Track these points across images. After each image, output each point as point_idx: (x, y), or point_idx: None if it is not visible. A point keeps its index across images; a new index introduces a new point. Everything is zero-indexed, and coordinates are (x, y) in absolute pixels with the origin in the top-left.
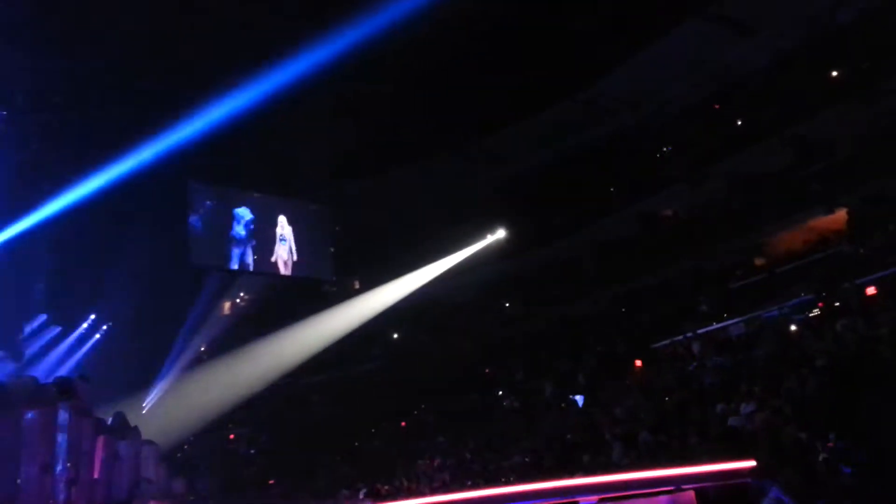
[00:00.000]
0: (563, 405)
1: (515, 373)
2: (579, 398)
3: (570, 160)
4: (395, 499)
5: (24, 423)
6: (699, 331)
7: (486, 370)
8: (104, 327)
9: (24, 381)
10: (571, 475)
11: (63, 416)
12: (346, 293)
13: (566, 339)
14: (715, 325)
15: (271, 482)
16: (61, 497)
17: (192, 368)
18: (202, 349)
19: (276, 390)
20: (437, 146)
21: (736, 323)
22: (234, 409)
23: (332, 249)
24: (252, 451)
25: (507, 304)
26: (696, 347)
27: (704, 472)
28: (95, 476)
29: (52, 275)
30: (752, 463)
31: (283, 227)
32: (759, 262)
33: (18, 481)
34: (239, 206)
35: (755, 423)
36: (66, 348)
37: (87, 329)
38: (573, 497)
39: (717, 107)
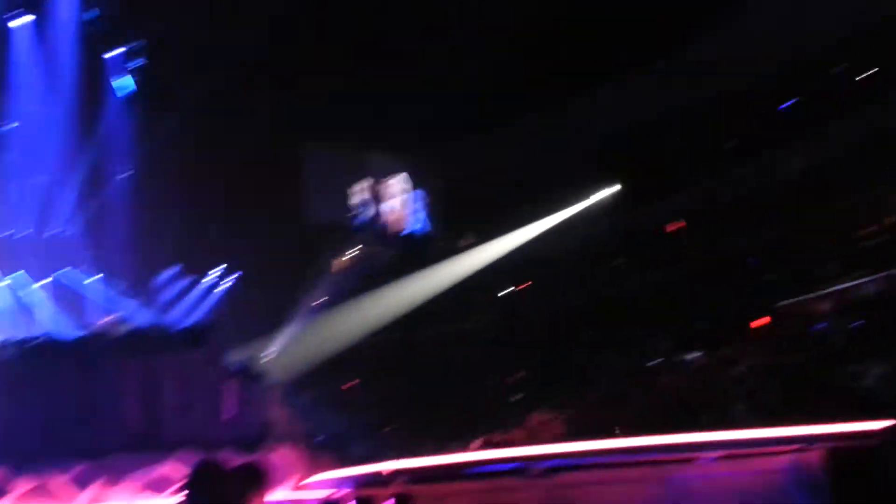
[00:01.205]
0: (679, 363)
1: (630, 330)
2: (696, 355)
3: (686, 115)
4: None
5: (162, 366)
6: (829, 289)
7: (598, 327)
8: (232, 277)
9: (162, 327)
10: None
11: (197, 359)
12: (454, 249)
13: (684, 297)
14: (845, 284)
15: (387, 429)
16: (199, 434)
17: (312, 319)
18: (321, 301)
19: (389, 341)
20: (548, 99)
21: (867, 282)
22: (350, 358)
23: (441, 206)
24: (368, 400)
25: (620, 260)
26: (825, 306)
27: (834, 432)
28: (227, 417)
29: (185, 226)
30: (888, 423)
31: (395, 183)
32: (890, 220)
33: (160, 419)
34: (352, 163)
35: (887, 384)
36: (197, 297)
37: (216, 279)
38: (692, 453)
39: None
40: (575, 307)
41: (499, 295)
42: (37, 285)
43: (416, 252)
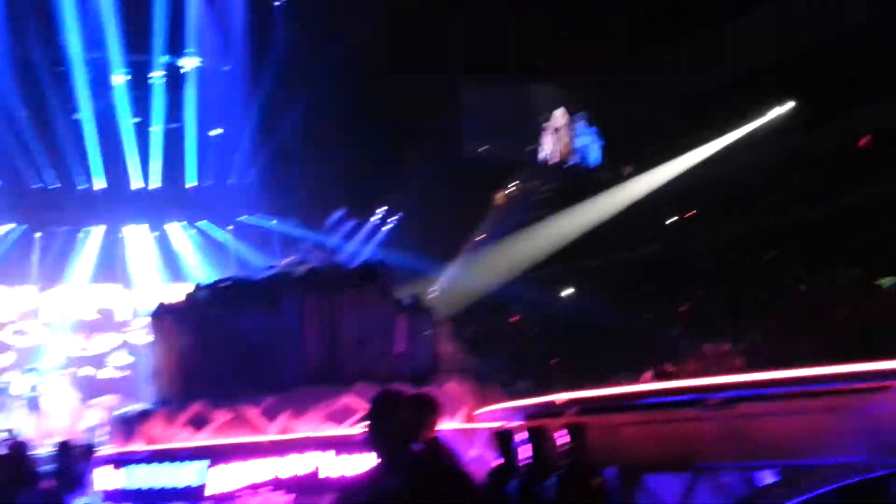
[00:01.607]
0: (865, 289)
1: (810, 255)
2: (887, 280)
3: (865, 34)
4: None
5: (337, 302)
6: None
7: (770, 255)
8: (395, 218)
9: (334, 266)
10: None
11: (369, 295)
12: (618, 178)
13: (872, 221)
14: None
15: (554, 361)
16: (374, 368)
17: (476, 253)
18: (484, 235)
19: (553, 273)
20: (713, 18)
21: None
22: (515, 291)
23: (605, 133)
24: (534, 332)
25: (796, 183)
26: None
27: None
28: (401, 350)
29: (349, 171)
30: None
31: (557, 115)
32: None
33: (338, 353)
34: (512, 97)
35: None
36: (363, 237)
37: (379, 220)
38: (885, 381)
39: None
40: (747, 233)
41: (665, 223)
42: (224, 229)
43: (580, 182)
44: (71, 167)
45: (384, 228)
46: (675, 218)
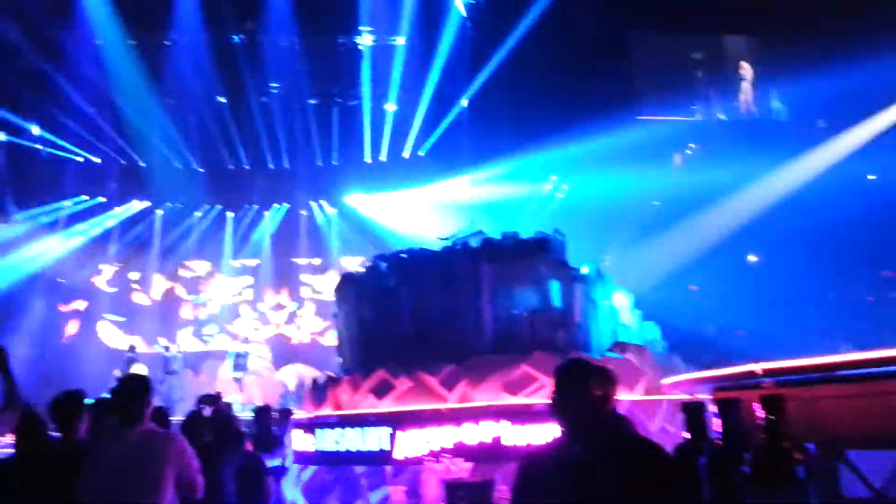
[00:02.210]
0: None
1: None
2: None
3: None
4: None
5: (512, 272)
6: None
7: None
8: (564, 187)
9: (509, 236)
10: None
11: (544, 266)
12: (810, 133)
13: None
14: None
15: (741, 332)
16: (550, 338)
17: (654, 218)
18: (655, 203)
19: (738, 237)
20: None
21: None
22: (697, 257)
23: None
24: (711, 303)
25: None
26: None
27: None
28: (577, 320)
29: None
30: None
31: (743, 68)
32: None
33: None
34: (690, 51)
35: None
36: (533, 207)
37: (550, 189)
38: None
39: None
40: None
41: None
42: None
43: (765, 140)
44: (259, 148)
45: (555, 199)
46: (875, 177)
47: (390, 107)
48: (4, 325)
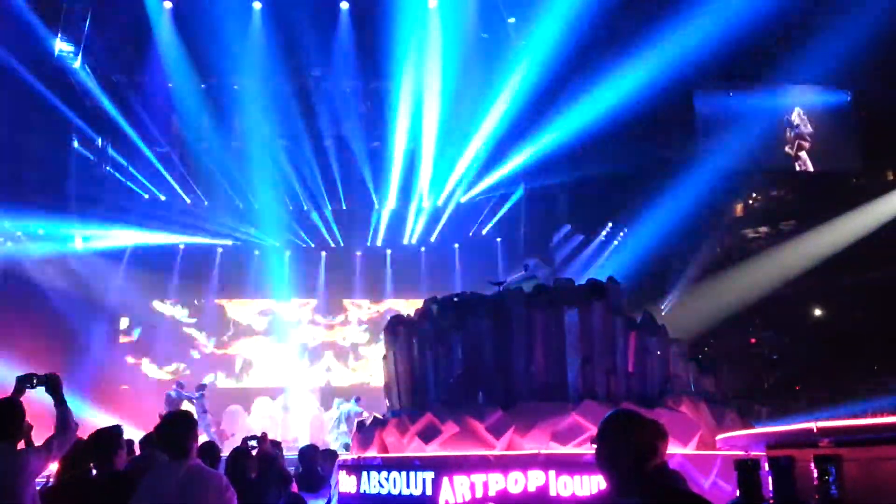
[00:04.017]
0: None
1: None
2: None
3: None
4: None
5: (566, 319)
6: None
7: None
8: (621, 234)
9: (563, 282)
10: None
11: (597, 313)
12: (877, 186)
13: None
14: None
15: (797, 388)
16: (601, 387)
17: (710, 271)
18: (718, 251)
19: (801, 292)
20: None
21: None
22: (755, 311)
23: (859, 138)
24: (775, 356)
25: None
26: None
27: None
28: (630, 369)
29: (573, 188)
30: None
31: (800, 118)
32: None
33: (565, 371)
34: (746, 102)
35: None
36: (589, 254)
37: (606, 237)
38: None
39: None
40: None
41: None
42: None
43: (832, 191)
44: (319, 190)
45: (610, 246)
46: None
47: (448, 150)
48: (65, 355)
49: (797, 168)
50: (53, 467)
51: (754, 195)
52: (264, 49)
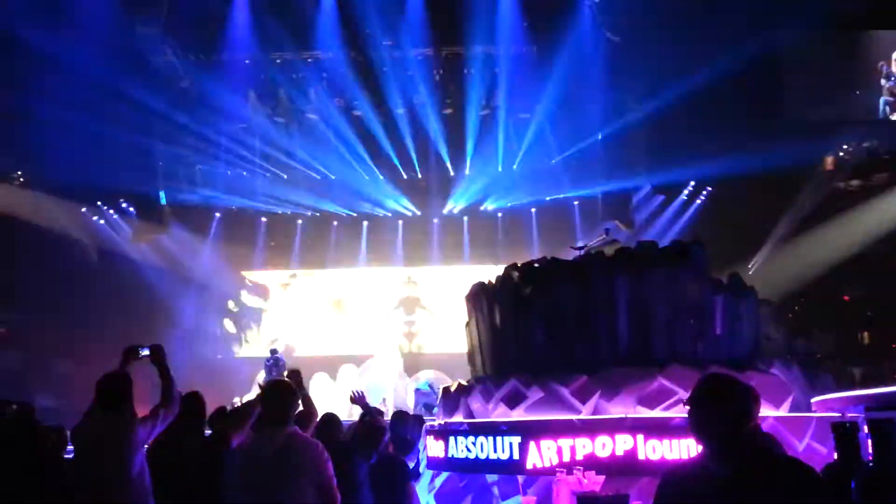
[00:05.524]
0: None
1: None
2: None
3: None
4: None
5: (648, 281)
6: None
7: None
8: (704, 193)
9: (646, 244)
10: None
11: (682, 275)
12: None
13: None
14: None
15: (894, 346)
16: (688, 350)
17: (799, 227)
18: (807, 206)
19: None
20: None
21: None
22: (847, 268)
23: None
24: (870, 314)
25: None
26: None
27: None
28: (718, 332)
29: (654, 149)
30: None
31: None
32: None
33: (650, 335)
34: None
35: None
36: (670, 214)
37: (688, 195)
38: None
39: None
40: None
41: None
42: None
43: None
44: (393, 160)
45: (693, 205)
46: None
47: (522, 115)
48: (164, 326)
49: (893, 118)
50: None
51: (845, 147)
52: (336, 21)
